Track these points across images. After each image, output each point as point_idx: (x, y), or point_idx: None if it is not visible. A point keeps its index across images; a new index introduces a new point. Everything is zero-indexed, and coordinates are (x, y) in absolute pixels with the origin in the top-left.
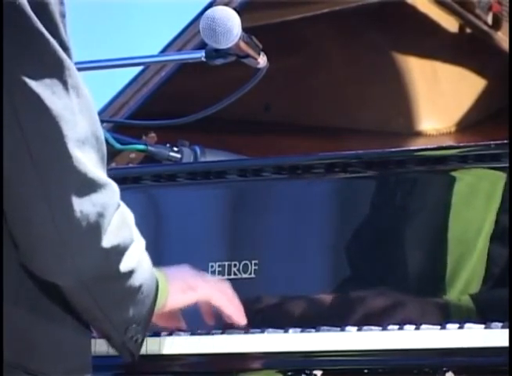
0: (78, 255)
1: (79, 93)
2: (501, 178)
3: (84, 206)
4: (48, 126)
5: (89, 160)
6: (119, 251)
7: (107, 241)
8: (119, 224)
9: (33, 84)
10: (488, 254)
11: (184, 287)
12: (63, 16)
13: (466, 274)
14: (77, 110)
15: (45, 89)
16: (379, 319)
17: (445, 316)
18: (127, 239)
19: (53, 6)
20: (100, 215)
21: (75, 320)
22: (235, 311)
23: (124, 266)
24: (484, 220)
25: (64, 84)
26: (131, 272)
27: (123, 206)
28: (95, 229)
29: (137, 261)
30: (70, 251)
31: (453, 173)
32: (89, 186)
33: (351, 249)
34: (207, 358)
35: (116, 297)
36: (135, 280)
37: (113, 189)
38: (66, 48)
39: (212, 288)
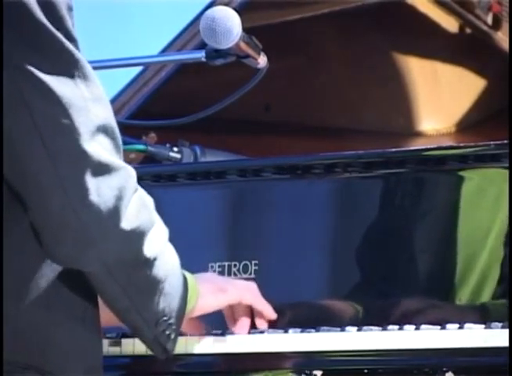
0: (100, 239)
1: (89, 83)
2: (501, 178)
3: (101, 190)
4: (60, 114)
5: (103, 147)
6: (140, 234)
7: (127, 223)
8: (138, 207)
9: (41, 74)
10: (487, 254)
11: (214, 289)
12: (69, 9)
13: (465, 275)
14: (89, 98)
15: (53, 79)
16: (379, 319)
17: (445, 316)
18: (147, 221)
19: (63, 4)
20: (118, 198)
21: (90, 321)
22: (267, 310)
23: (146, 251)
24: (484, 220)
25: (73, 74)
26: (154, 259)
27: (141, 190)
28: (113, 212)
29: (160, 248)
30: (92, 236)
31: (453, 173)
32: (104, 170)
33: (352, 250)
34: (206, 358)
35: (142, 284)
36: (160, 269)
37: (129, 173)
38: (72, 40)
39: (242, 290)
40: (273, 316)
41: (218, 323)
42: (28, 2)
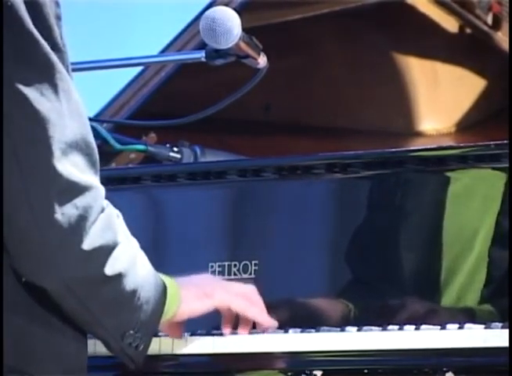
0: (60, 257)
1: (69, 97)
2: (501, 178)
3: (65, 209)
4: (35, 128)
5: (74, 164)
6: (102, 254)
7: (89, 243)
8: (103, 227)
9: (20, 85)
10: (487, 254)
11: (199, 293)
12: (58, 18)
13: (466, 275)
14: (67, 114)
15: (32, 91)
16: (379, 319)
17: (445, 316)
18: (110, 242)
19: (48, 8)
20: (82, 218)
21: (72, 325)
22: (257, 314)
23: (109, 269)
24: (483, 220)
25: (54, 87)
26: (119, 276)
27: (110, 210)
28: (76, 231)
29: (127, 265)
30: (52, 254)
31: (453, 173)
32: (72, 189)
33: (351, 249)
34: (206, 358)
35: (105, 301)
36: (126, 285)
37: (98, 192)
38: (60, 51)
39: (230, 294)
40: (268, 323)
41: (217, 323)
42: (16, 10)
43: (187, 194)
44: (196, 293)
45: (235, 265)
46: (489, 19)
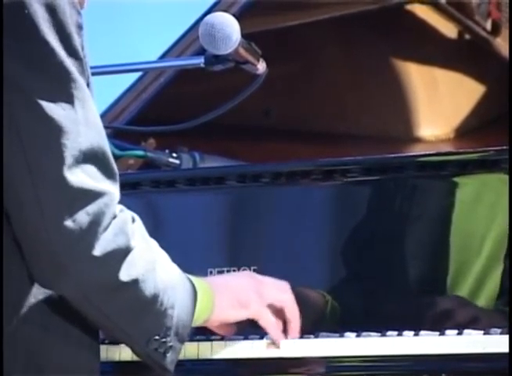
0: (72, 265)
1: (85, 106)
2: (500, 184)
3: (76, 216)
4: (48, 135)
5: (88, 171)
6: (116, 260)
7: (100, 249)
8: (115, 232)
9: (34, 93)
10: (489, 260)
11: (234, 302)
12: (79, 27)
13: (465, 280)
14: (81, 122)
15: (46, 99)
16: (378, 325)
17: (444, 322)
18: (123, 247)
19: (67, 17)
20: (93, 225)
21: (89, 335)
22: (274, 334)
23: (124, 275)
24: (484, 226)
25: (69, 95)
26: (135, 282)
27: (124, 215)
28: (86, 238)
29: (144, 270)
30: (65, 261)
31: (452, 179)
32: (84, 196)
33: (351, 255)
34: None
35: (124, 307)
36: (145, 290)
37: (110, 199)
38: (79, 60)
39: (264, 304)
40: (292, 335)
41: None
42: (33, 19)
43: (186, 200)
44: (231, 301)
45: (234, 271)
46: (488, 25)
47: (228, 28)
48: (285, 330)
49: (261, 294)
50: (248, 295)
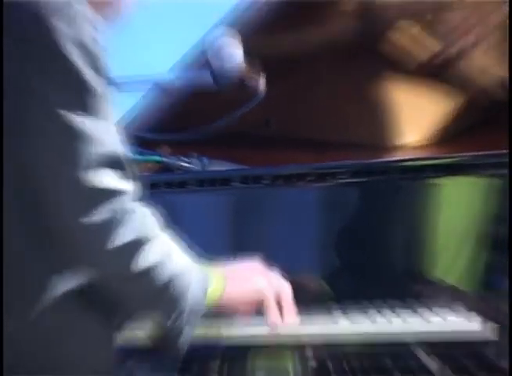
0: (90, 257)
1: (106, 117)
2: (476, 185)
3: (94, 212)
4: (74, 142)
5: (106, 173)
6: (131, 251)
7: (117, 242)
8: (131, 226)
9: (61, 107)
10: (464, 251)
11: (244, 285)
12: (103, 48)
13: (436, 268)
14: (104, 132)
15: (72, 111)
16: (365, 308)
17: (422, 304)
18: (137, 239)
19: (93, 42)
20: (110, 220)
21: (103, 328)
22: (277, 314)
23: (140, 265)
24: (455, 222)
25: (93, 109)
26: (150, 270)
27: (139, 210)
28: (104, 232)
29: (157, 260)
30: (83, 254)
31: (429, 180)
32: (102, 195)
33: (340, 246)
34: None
35: (141, 293)
36: (159, 277)
37: (126, 197)
38: (102, 76)
39: (270, 290)
40: (287, 316)
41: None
42: (61, 40)
43: (195, 199)
44: (241, 284)
45: (237, 258)
46: (455, 49)
47: (233, 50)
48: (281, 312)
49: (268, 278)
50: (257, 279)
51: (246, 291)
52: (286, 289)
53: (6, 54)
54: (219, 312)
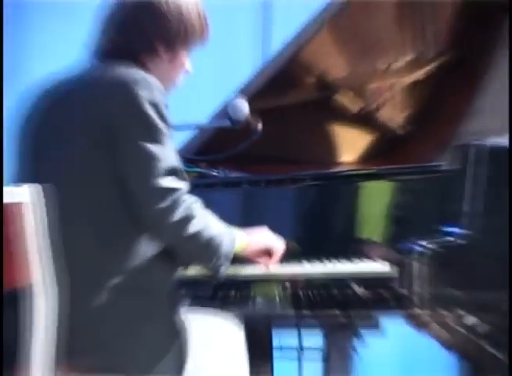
0: (162, 227)
1: (169, 145)
2: (383, 189)
3: (164, 201)
4: (152, 162)
5: (170, 178)
6: (186, 223)
7: (176, 217)
8: (184, 208)
9: (144, 142)
10: (378, 226)
11: (259, 240)
12: (166, 106)
13: (367, 236)
14: (167, 154)
15: (148, 142)
16: (320, 258)
17: (355, 256)
18: (189, 216)
19: (159, 100)
20: (172, 205)
21: (171, 307)
22: (275, 261)
23: (191, 230)
24: (377, 209)
25: (162, 143)
26: (198, 233)
27: (190, 199)
28: (168, 211)
29: (202, 227)
30: (158, 227)
31: (359, 185)
32: (167, 191)
33: (307, 224)
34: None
35: (196, 246)
36: (204, 237)
37: (182, 192)
38: (166, 123)
39: (276, 244)
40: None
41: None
42: (141, 101)
43: (221, 195)
44: (257, 240)
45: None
46: (375, 104)
47: (243, 106)
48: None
49: (271, 238)
50: (267, 237)
51: (259, 245)
52: (280, 245)
53: (107, 110)
54: (242, 258)
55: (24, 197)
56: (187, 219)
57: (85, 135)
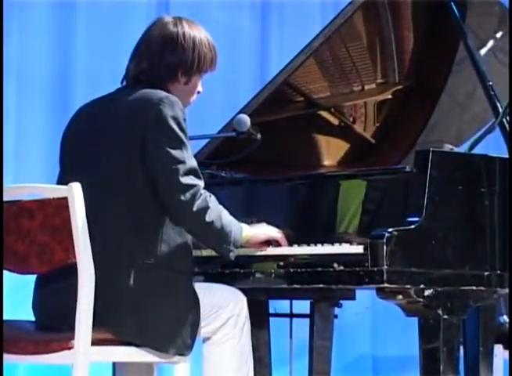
0: (185, 215)
1: (189, 151)
2: (359, 187)
3: (184, 194)
4: (175, 164)
5: (190, 177)
6: (204, 212)
7: (196, 208)
8: (202, 200)
9: (167, 147)
10: (355, 217)
11: (261, 232)
12: (184, 120)
13: (346, 227)
14: (188, 157)
15: (173, 149)
16: (309, 243)
17: (337, 240)
18: (206, 206)
19: (180, 115)
20: (192, 198)
21: (191, 287)
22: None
23: (208, 219)
24: (354, 203)
25: (182, 148)
26: (214, 221)
27: (206, 193)
28: (189, 203)
29: (216, 216)
30: (182, 216)
31: (339, 182)
32: (188, 187)
33: (299, 215)
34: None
35: (211, 233)
36: (218, 225)
37: (200, 187)
38: (185, 134)
39: (277, 234)
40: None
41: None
42: (166, 116)
43: (228, 191)
44: (259, 233)
45: (250, 222)
46: (351, 118)
47: (246, 120)
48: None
49: (272, 230)
50: (267, 230)
51: (261, 238)
52: (277, 234)
53: (141, 123)
54: (246, 246)
55: (68, 193)
56: (205, 209)
57: (123, 143)
